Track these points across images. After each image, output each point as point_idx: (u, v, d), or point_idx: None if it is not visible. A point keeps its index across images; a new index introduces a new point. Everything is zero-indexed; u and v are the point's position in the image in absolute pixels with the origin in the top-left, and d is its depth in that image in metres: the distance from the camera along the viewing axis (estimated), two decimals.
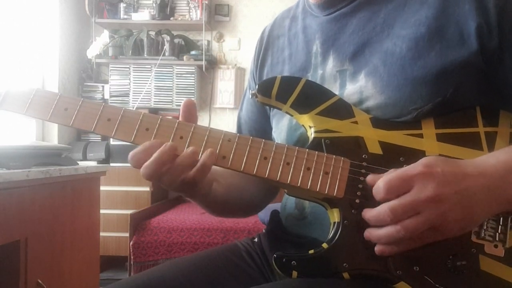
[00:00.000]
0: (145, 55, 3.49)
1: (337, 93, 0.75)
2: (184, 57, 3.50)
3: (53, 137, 3.23)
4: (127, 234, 2.59)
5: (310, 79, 0.79)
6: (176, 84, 3.51)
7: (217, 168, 0.87)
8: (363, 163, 0.69)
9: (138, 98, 3.44)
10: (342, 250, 0.66)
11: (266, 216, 0.95)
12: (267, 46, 0.94)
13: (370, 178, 0.66)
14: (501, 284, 0.66)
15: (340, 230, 0.67)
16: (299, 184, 0.67)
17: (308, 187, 0.67)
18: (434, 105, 0.69)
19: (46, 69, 3.24)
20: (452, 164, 0.62)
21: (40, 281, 1.56)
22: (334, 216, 0.68)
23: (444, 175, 0.60)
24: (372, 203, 0.64)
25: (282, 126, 0.85)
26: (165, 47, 3.48)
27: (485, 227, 0.66)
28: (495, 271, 0.66)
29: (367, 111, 0.73)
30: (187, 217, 2.67)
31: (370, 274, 0.66)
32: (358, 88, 0.74)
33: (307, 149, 0.69)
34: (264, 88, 0.74)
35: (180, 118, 0.72)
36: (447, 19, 0.71)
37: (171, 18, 3.58)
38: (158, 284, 0.79)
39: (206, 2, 3.55)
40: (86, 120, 0.70)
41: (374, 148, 0.70)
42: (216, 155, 0.68)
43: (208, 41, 3.71)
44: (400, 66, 0.71)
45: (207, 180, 0.73)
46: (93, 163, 2.92)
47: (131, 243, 2.53)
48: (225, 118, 3.71)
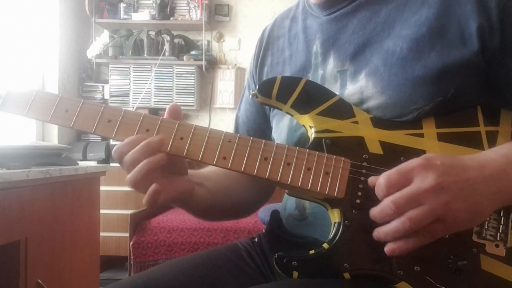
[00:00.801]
0: (145, 55, 3.49)
1: (338, 93, 0.75)
2: (184, 57, 3.50)
3: (53, 137, 3.23)
4: (127, 234, 2.58)
5: (311, 79, 0.79)
6: (176, 84, 3.51)
7: (204, 172, 0.87)
8: (364, 163, 0.69)
9: (138, 98, 3.44)
10: (343, 251, 0.66)
11: (266, 216, 0.95)
12: (267, 46, 0.94)
13: (371, 179, 0.65)
14: (502, 284, 0.66)
15: (341, 231, 0.67)
16: (300, 185, 0.67)
17: (309, 188, 0.67)
18: (435, 105, 0.69)
19: (46, 69, 3.24)
20: (452, 158, 0.62)
21: (40, 281, 1.56)
22: (335, 216, 0.68)
23: (444, 166, 0.60)
24: (373, 203, 0.64)
25: (283, 127, 0.85)
26: (165, 47, 3.48)
27: (486, 227, 0.66)
28: (496, 271, 0.66)
29: (368, 111, 0.73)
30: (187, 217, 2.67)
31: (371, 274, 0.66)
32: (359, 88, 0.74)
33: (308, 150, 0.69)
34: (265, 88, 0.74)
35: None
36: (448, 19, 0.71)
37: (171, 18, 3.58)
38: (158, 284, 0.79)
39: (206, 2, 3.55)
40: (87, 122, 0.70)
41: (375, 148, 0.70)
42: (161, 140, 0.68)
43: (208, 41, 3.71)
44: (401, 66, 0.71)
45: (185, 188, 0.73)
46: (93, 163, 2.92)
47: (131, 243, 2.53)
48: (225, 118, 3.71)
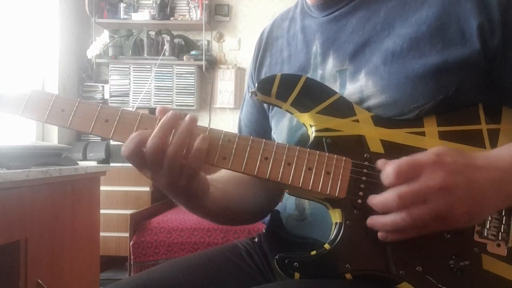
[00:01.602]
0: (145, 55, 3.49)
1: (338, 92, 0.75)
2: (184, 57, 3.50)
3: (53, 137, 3.23)
4: (127, 234, 2.58)
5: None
6: (176, 84, 3.51)
7: (215, 176, 0.87)
8: (365, 163, 0.68)
9: (138, 98, 3.44)
10: (345, 251, 0.66)
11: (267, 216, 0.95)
12: (266, 47, 0.94)
13: (381, 162, 0.64)
14: (504, 283, 0.66)
15: (342, 231, 0.66)
16: (301, 185, 0.67)
17: (310, 188, 0.66)
18: (436, 103, 0.69)
19: (46, 69, 3.24)
20: (464, 155, 0.61)
21: (40, 281, 1.56)
22: (336, 217, 0.68)
23: (455, 165, 0.59)
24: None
25: (282, 127, 0.84)
26: (165, 47, 3.48)
27: (488, 226, 0.66)
28: (498, 271, 0.66)
29: (368, 110, 0.72)
30: (187, 217, 2.66)
31: (373, 275, 0.65)
32: (359, 88, 0.74)
33: (308, 149, 0.68)
34: (264, 86, 0.73)
35: None
36: (449, 18, 0.71)
37: (171, 18, 3.57)
38: (158, 284, 0.78)
39: (206, 2, 3.54)
40: (84, 122, 0.68)
41: (376, 147, 0.69)
42: (208, 139, 0.66)
43: (208, 41, 3.71)
44: (401, 65, 0.71)
45: (203, 182, 0.71)
46: (93, 163, 2.92)
47: (131, 243, 2.53)
48: (225, 118, 3.71)
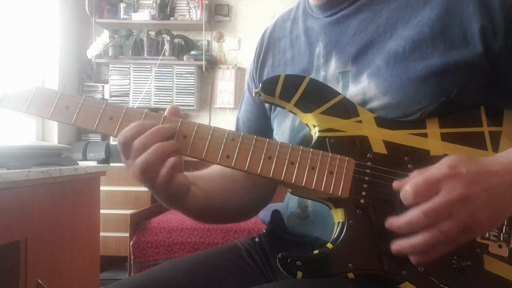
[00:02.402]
0: (145, 55, 3.49)
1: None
2: (184, 57, 3.50)
3: (53, 137, 3.22)
4: (127, 234, 2.58)
5: None
6: (176, 84, 3.51)
7: (199, 174, 0.87)
8: (368, 163, 0.68)
9: (138, 98, 3.44)
10: (347, 250, 0.66)
11: (267, 216, 0.95)
12: (268, 48, 0.93)
13: (396, 184, 0.64)
14: (506, 284, 0.66)
15: (345, 230, 0.66)
16: (304, 184, 0.67)
17: (313, 187, 0.67)
18: (438, 105, 0.69)
19: (46, 69, 3.23)
20: (476, 163, 0.62)
21: (40, 281, 1.56)
22: (339, 216, 0.68)
23: (471, 175, 0.59)
24: (378, 203, 0.64)
25: (285, 128, 0.84)
26: (165, 47, 3.48)
27: None
28: (500, 271, 0.66)
29: (371, 112, 0.72)
30: (187, 217, 2.66)
31: (375, 275, 0.65)
32: (361, 89, 0.74)
33: (312, 149, 0.68)
34: (268, 87, 0.73)
35: None
36: (451, 20, 0.71)
37: (171, 18, 3.57)
38: (158, 284, 0.78)
39: (206, 2, 3.54)
40: (88, 119, 0.69)
41: (379, 148, 0.69)
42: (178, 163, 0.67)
43: (208, 41, 3.71)
44: (404, 67, 0.71)
45: (182, 183, 0.71)
46: (93, 163, 2.92)
47: (131, 243, 2.53)
48: (225, 118, 3.71)
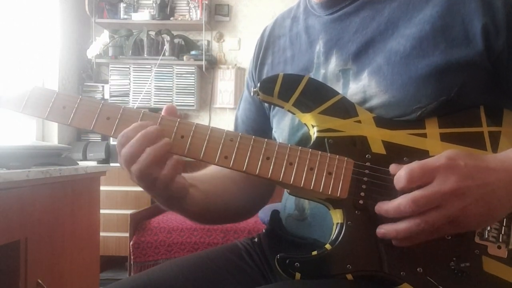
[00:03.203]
0: (145, 55, 3.49)
1: (340, 93, 0.74)
2: (184, 57, 3.50)
3: (53, 137, 3.22)
4: (127, 234, 2.58)
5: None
6: (176, 84, 3.51)
7: (198, 175, 0.86)
8: (367, 163, 0.68)
9: (138, 98, 3.44)
10: (346, 252, 0.66)
11: (267, 216, 0.95)
12: (268, 46, 0.93)
13: (393, 167, 0.65)
14: (504, 286, 0.66)
15: (344, 231, 0.66)
16: (302, 185, 0.66)
17: (311, 188, 0.66)
18: (439, 104, 0.69)
19: (46, 69, 3.24)
20: (476, 158, 0.62)
21: (40, 281, 1.56)
22: (337, 217, 0.68)
23: (467, 168, 0.59)
24: (376, 204, 0.63)
25: (284, 127, 0.84)
26: (165, 47, 3.48)
27: (489, 229, 0.66)
28: (498, 273, 0.66)
29: (371, 110, 0.72)
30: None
31: (374, 276, 0.65)
32: (362, 87, 0.74)
33: (310, 149, 0.68)
34: (266, 86, 0.73)
35: None
36: (453, 18, 0.71)
37: (171, 18, 3.57)
38: (158, 284, 0.78)
39: (206, 2, 3.54)
40: (85, 119, 0.68)
41: (378, 148, 0.69)
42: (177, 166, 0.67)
43: (208, 41, 3.71)
44: (404, 65, 0.71)
45: (181, 185, 0.71)
46: (93, 163, 2.92)
47: (131, 243, 2.53)
48: (225, 118, 3.71)
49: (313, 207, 0.77)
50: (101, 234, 2.28)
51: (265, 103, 0.90)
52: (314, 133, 0.71)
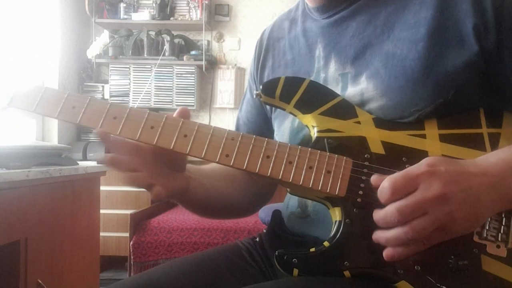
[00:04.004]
0: (145, 55, 3.49)
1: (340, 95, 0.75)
2: (184, 57, 3.50)
3: (53, 137, 3.23)
4: (127, 234, 2.59)
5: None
6: (176, 84, 3.51)
7: (205, 169, 0.88)
8: (366, 163, 0.69)
9: (138, 98, 3.44)
10: (344, 249, 0.66)
11: (267, 216, 0.95)
12: (268, 49, 0.94)
13: (374, 179, 0.65)
14: (503, 285, 0.66)
15: (342, 229, 0.67)
16: (301, 183, 0.67)
17: (310, 186, 0.67)
18: (436, 107, 0.69)
19: (46, 69, 3.24)
20: (455, 164, 0.62)
21: (40, 281, 1.56)
22: (336, 215, 0.68)
23: (449, 174, 0.60)
24: (374, 202, 0.64)
25: (285, 129, 0.85)
26: (165, 47, 3.48)
27: (487, 227, 0.66)
28: (497, 272, 0.66)
29: (370, 113, 0.73)
30: (187, 217, 2.67)
31: (371, 273, 0.66)
32: (359, 91, 0.74)
33: (310, 149, 0.69)
34: (268, 88, 0.74)
35: None
36: (447, 20, 0.71)
37: (171, 18, 3.57)
38: (158, 284, 0.79)
39: (206, 2, 3.55)
40: (93, 118, 0.71)
41: (377, 148, 0.70)
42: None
43: (208, 41, 3.71)
44: (401, 68, 0.71)
45: (184, 179, 0.75)
46: (93, 163, 2.91)
47: (131, 243, 2.53)
48: (225, 118, 3.71)
49: (316, 205, 0.78)
50: (101, 234, 2.28)
51: (267, 106, 0.90)
52: (314, 134, 0.72)
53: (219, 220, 2.58)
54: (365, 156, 0.69)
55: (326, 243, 0.67)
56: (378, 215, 0.62)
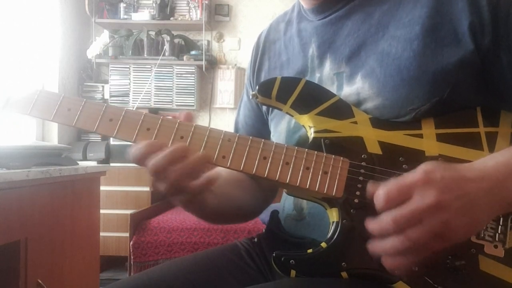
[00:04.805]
0: (145, 55, 3.49)
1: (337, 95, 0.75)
2: (184, 57, 3.50)
3: (53, 137, 3.23)
4: (127, 234, 2.58)
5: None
6: (176, 84, 3.51)
7: (210, 174, 0.87)
8: (362, 163, 0.69)
9: (138, 98, 3.44)
10: (341, 250, 0.66)
11: (267, 216, 0.95)
12: (264, 51, 0.94)
13: (370, 187, 0.63)
14: (501, 285, 0.66)
15: (339, 230, 0.67)
16: (298, 184, 0.67)
17: (307, 187, 0.67)
18: (432, 105, 0.69)
19: (46, 69, 3.24)
20: (452, 170, 0.60)
21: (40, 281, 1.56)
22: (333, 216, 0.68)
23: (444, 181, 0.58)
24: (371, 204, 0.64)
25: (281, 130, 0.85)
26: (165, 47, 3.48)
27: (485, 228, 0.66)
28: (495, 272, 0.66)
29: (366, 112, 0.73)
30: (187, 217, 2.67)
31: (369, 274, 0.66)
32: (355, 90, 0.74)
33: (307, 149, 0.69)
34: (264, 89, 0.74)
35: None
36: (441, 18, 0.71)
37: (171, 18, 3.57)
38: (158, 284, 0.79)
39: (206, 2, 3.55)
40: (89, 121, 0.71)
41: (374, 148, 0.70)
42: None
43: (208, 41, 3.71)
44: (396, 67, 0.71)
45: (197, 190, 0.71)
46: (93, 163, 2.92)
47: (131, 243, 2.53)
48: (225, 118, 3.71)
49: (311, 207, 0.78)
50: (101, 234, 2.28)
51: (264, 107, 0.90)
52: (311, 134, 0.72)
53: None
54: (362, 157, 0.69)
55: (324, 244, 0.67)
56: (373, 225, 0.60)
